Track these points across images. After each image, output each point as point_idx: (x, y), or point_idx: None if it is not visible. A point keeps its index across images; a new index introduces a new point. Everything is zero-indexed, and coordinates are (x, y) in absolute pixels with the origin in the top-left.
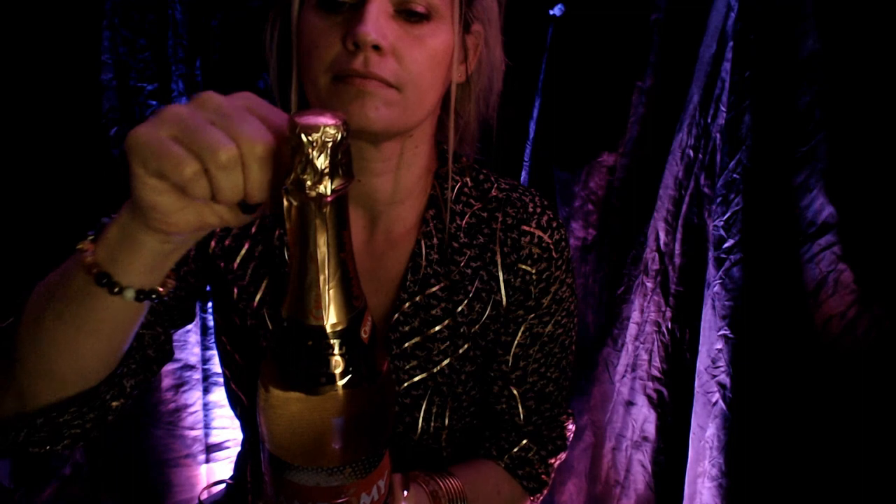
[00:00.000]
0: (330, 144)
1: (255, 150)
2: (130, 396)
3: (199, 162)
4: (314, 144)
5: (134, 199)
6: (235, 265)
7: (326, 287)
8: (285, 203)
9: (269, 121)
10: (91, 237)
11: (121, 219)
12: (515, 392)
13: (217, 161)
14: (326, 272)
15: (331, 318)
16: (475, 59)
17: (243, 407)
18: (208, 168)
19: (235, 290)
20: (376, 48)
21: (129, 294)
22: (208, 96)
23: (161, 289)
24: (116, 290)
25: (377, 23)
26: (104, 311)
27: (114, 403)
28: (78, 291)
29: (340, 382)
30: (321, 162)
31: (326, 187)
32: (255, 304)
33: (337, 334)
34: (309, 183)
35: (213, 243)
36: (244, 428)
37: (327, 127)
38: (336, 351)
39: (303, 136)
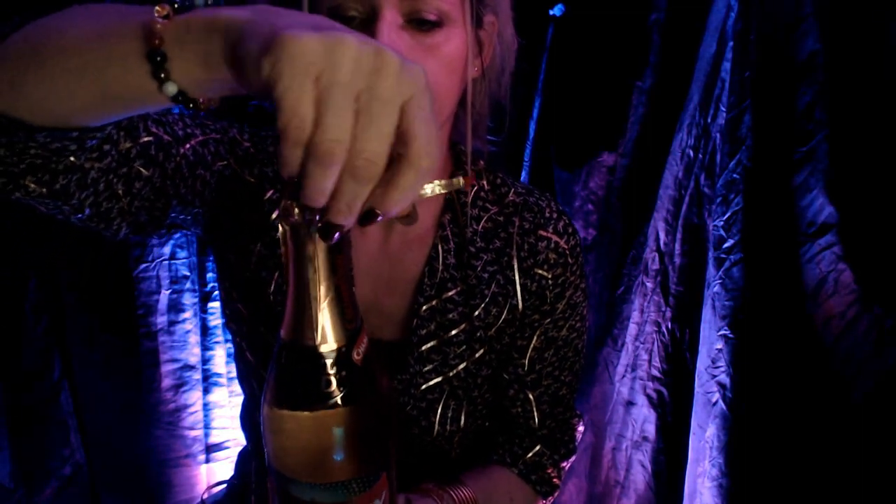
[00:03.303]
0: None
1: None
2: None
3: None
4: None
5: (241, 66)
6: None
7: (317, 310)
8: (280, 228)
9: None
10: (177, 5)
11: (219, 25)
12: (531, 396)
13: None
14: (318, 295)
15: (321, 339)
16: (490, 51)
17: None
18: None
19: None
20: None
21: (171, 89)
22: (392, 62)
23: (202, 101)
24: (162, 75)
25: (390, 40)
26: (131, 80)
27: (92, 155)
28: (117, 45)
29: (327, 404)
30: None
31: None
32: None
33: (327, 356)
34: (296, 209)
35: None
36: (250, 415)
37: None
38: (325, 372)
39: None
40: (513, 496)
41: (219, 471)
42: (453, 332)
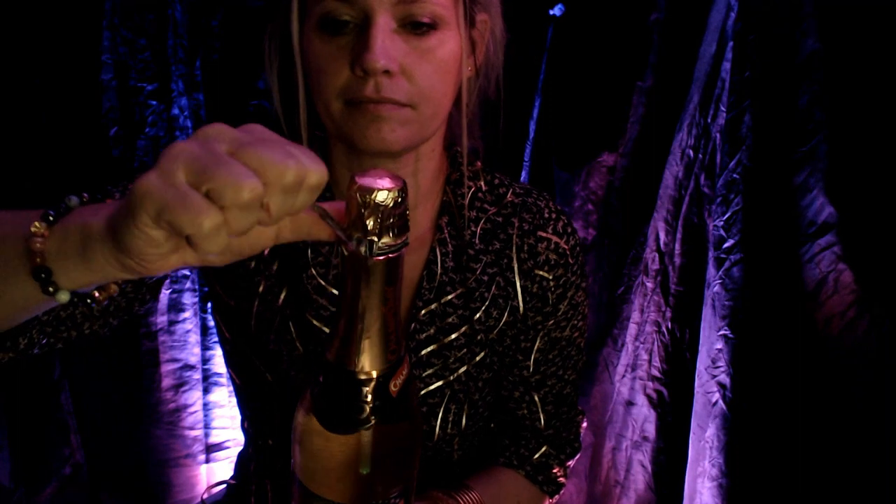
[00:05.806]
0: (381, 208)
1: (286, 177)
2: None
3: (219, 210)
4: (367, 205)
5: (122, 242)
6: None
7: (362, 337)
8: (342, 251)
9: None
10: (51, 217)
11: (89, 231)
12: (536, 397)
13: (240, 200)
14: (364, 323)
15: (361, 366)
16: (483, 49)
17: (241, 391)
18: (227, 209)
19: (263, 284)
20: (386, 72)
21: (63, 297)
22: (219, 127)
23: (98, 294)
24: (51, 289)
25: (384, 47)
26: (22, 293)
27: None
28: (4, 263)
29: (356, 428)
30: (370, 223)
31: (373, 246)
32: (280, 302)
33: (363, 382)
34: (356, 240)
35: None
36: (248, 426)
37: (379, 192)
38: (358, 398)
39: (357, 195)
40: (520, 498)
41: (219, 471)
42: (453, 336)
